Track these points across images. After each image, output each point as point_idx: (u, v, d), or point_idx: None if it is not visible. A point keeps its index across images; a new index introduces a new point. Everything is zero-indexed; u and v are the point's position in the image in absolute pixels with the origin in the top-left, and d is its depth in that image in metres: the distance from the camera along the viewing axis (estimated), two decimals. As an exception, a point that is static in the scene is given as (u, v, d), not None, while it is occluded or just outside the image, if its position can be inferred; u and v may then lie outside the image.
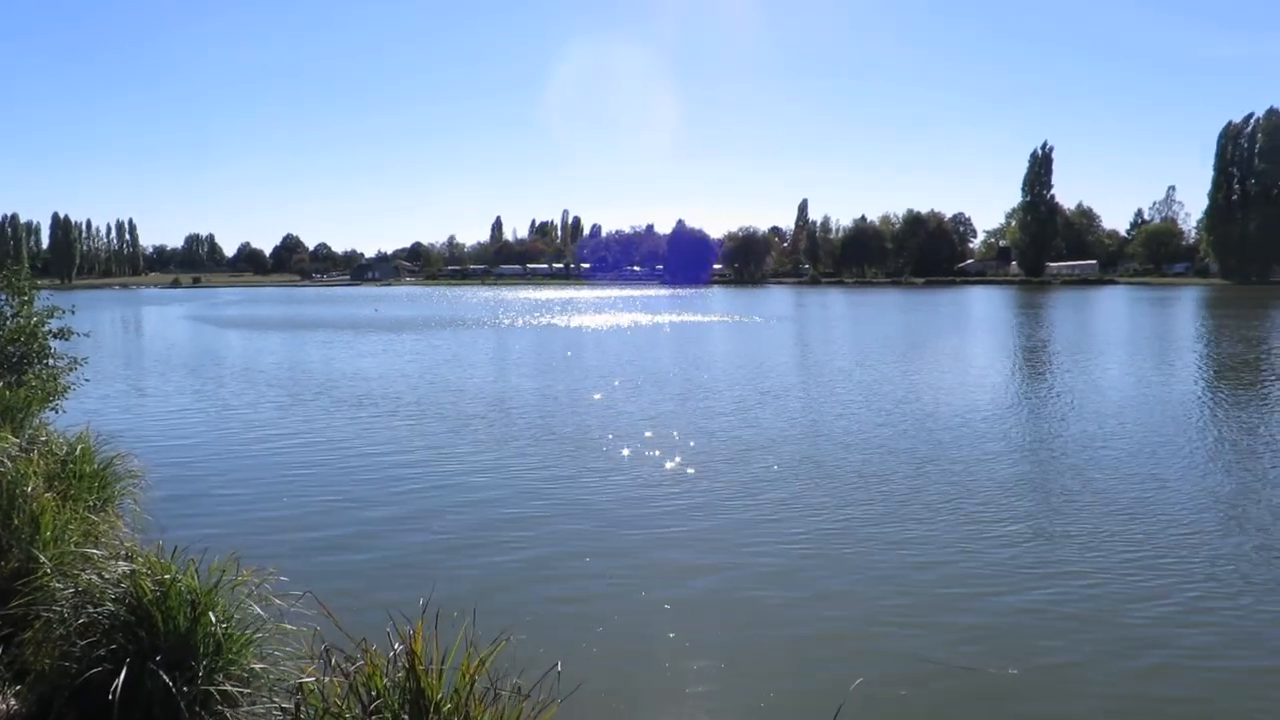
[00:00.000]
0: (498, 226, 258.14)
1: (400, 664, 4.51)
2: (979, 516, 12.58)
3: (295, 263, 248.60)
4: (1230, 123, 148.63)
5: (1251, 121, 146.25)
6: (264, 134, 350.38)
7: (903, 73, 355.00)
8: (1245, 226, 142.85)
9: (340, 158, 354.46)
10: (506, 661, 5.11)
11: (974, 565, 10.63)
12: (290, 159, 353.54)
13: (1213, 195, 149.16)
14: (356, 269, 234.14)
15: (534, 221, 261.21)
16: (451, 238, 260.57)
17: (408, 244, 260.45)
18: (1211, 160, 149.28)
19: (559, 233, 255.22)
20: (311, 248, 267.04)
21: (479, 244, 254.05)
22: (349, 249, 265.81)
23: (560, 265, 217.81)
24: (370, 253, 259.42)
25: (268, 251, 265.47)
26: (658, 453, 16.83)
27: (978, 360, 34.84)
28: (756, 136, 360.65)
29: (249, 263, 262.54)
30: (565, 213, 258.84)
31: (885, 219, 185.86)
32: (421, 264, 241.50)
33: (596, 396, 24.12)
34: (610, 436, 18.32)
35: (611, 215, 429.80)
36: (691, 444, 17.59)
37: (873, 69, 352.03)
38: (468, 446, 17.62)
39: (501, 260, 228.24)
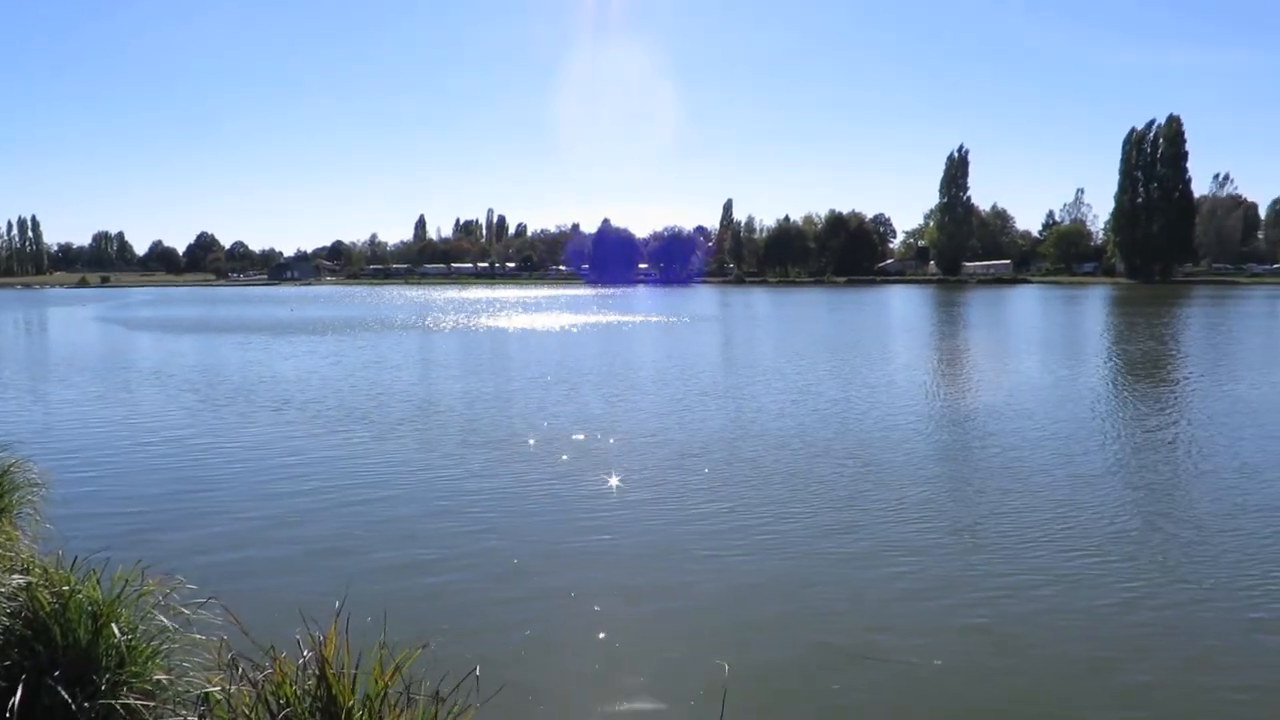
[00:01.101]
0: (421, 225, 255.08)
1: (311, 671, 4.43)
2: (902, 511, 12.80)
3: (210, 262, 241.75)
4: (1134, 129, 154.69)
5: (1154, 128, 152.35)
6: (177, 127, 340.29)
7: (826, 75, 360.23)
8: (1149, 228, 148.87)
9: (257, 153, 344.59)
10: (424, 666, 5.03)
11: (897, 557, 10.81)
12: (204, 153, 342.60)
13: (1118, 198, 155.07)
14: (275, 268, 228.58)
15: (458, 220, 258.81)
16: (374, 236, 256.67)
17: (328, 242, 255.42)
18: (1118, 164, 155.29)
19: (484, 232, 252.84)
20: (227, 246, 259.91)
21: (402, 243, 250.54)
22: (267, 248, 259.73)
23: (485, 264, 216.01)
24: (289, 251, 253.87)
25: (181, 250, 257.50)
26: (583, 453, 16.77)
27: (902, 358, 35.52)
28: (682, 136, 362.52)
29: (161, 262, 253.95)
30: (490, 211, 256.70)
31: (808, 219, 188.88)
32: (343, 263, 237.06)
33: (522, 398, 23.92)
34: (536, 437, 18.20)
35: (537, 214, 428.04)
36: (617, 444, 17.58)
37: (798, 71, 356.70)
38: (389, 449, 17.30)
39: (425, 259, 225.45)
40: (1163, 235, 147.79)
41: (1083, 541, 11.34)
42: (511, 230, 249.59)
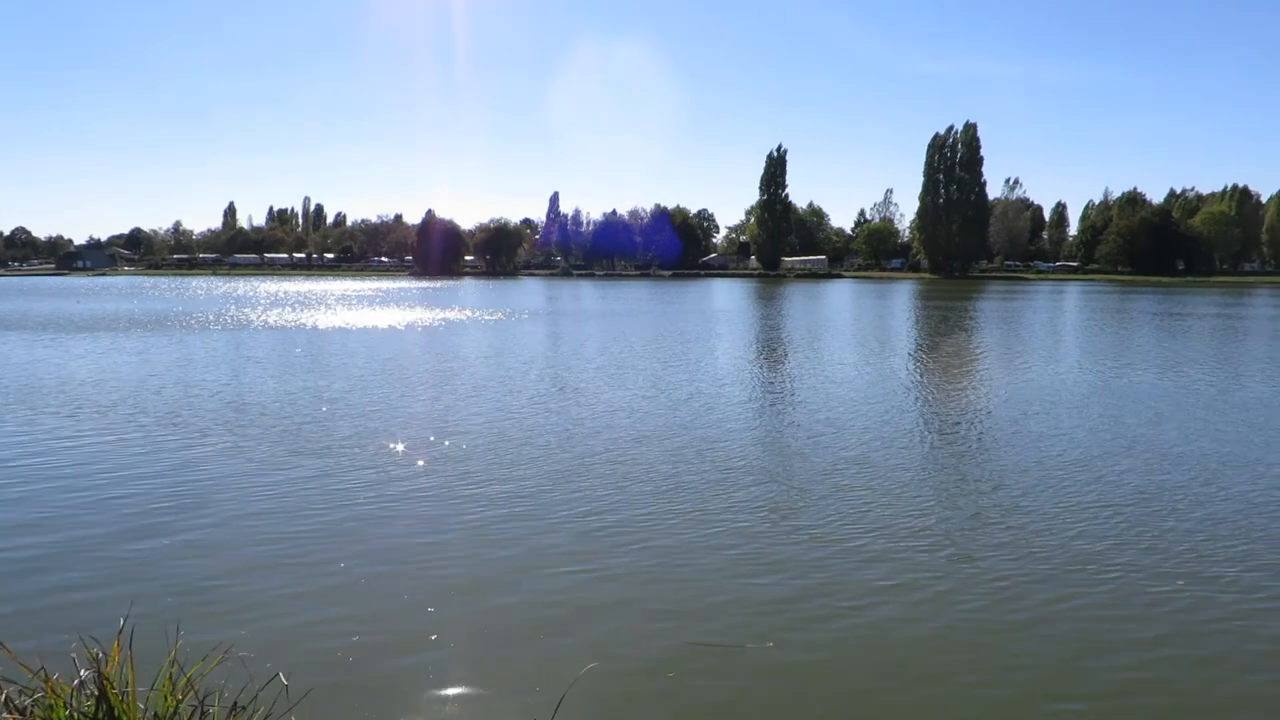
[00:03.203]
0: (231, 213, 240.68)
1: (89, 690, 4.04)
2: (731, 499, 13.06)
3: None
4: (937, 134, 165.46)
5: (953, 133, 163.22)
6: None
7: (653, 73, 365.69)
8: (949, 227, 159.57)
9: (43, 130, 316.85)
10: (224, 675, 4.72)
11: (730, 547, 11.00)
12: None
13: (922, 199, 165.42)
14: (63, 257, 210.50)
15: (271, 208, 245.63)
16: (178, 224, 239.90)
17: (126, 230, 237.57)
18: (922, 167, 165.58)
19: (299, 221, 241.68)
20: (7, 232, 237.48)
21: (210, 231, 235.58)
22: (54, 235, 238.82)
23: (302, 255, 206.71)
24: (81, 239, 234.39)
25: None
26: (409, 453, 16.24)
27: (728, 349, 36.40)
28: (510, 127, 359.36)
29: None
30: (306, 199, 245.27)
31: (634, 214, 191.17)
32: (143, 252, 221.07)
33: (345, 398, 22.91)
34: (359, 438, 17.51)
35: (358, 203, 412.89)
36: (445, 443, 17.15)
37: (623, 67, 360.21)
38: (195, 453, 16.06)
39: (235, 249, 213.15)
40: (962, 234, 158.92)
41: (901, 523, 11.92)
42: (330, 219, 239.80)
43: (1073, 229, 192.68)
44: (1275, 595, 9.39)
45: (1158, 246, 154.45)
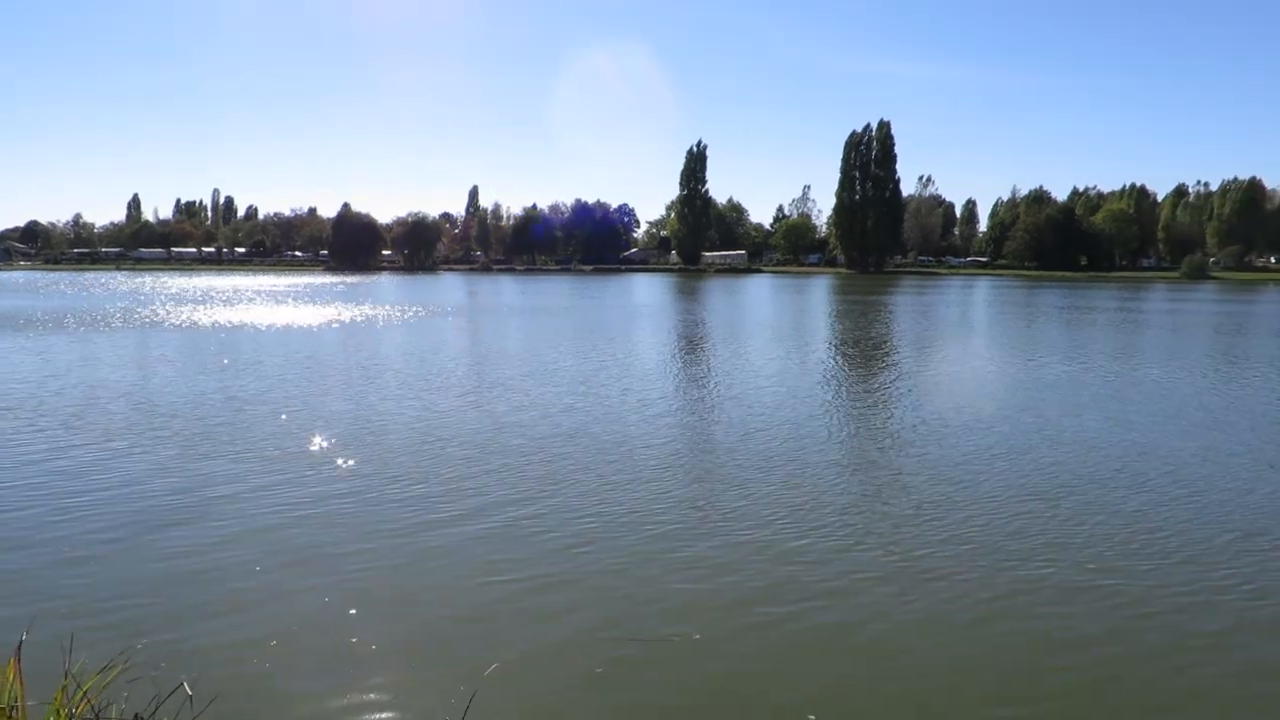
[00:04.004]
0: (135, 205, 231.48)
1: (-25, 711, 3.78)
2: (647, 493, 13.06)
3: None
4: (854, 131, 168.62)
5: (869, 131, 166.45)
6: None
7: (573, 68, 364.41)
8: (865, 223, 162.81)
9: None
10: (126, 688, 4.48)
11: (649, 540, 11.00)
12: None
13: (839, 195, 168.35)
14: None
15: (179, 200, 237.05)
16: (78, 216, 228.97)
17: (21, 222, 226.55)
18: (839, 164, 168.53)
19: (209, 214, 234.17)
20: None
21: (113, 224, 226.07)
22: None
23: (211, 250, 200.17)
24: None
25: None
26: (324, 451, 15.85)
27: (652, 345, 36.42)
28: (428, 120, 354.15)
29: None
30: (216, 192, 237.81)
31: (555, 208, 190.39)
32: (40, 246, 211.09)
33: (259, 398, 22.24)
34: (272, 441, 17.01)
35: (269, 196, 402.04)
36: (362, 441, 16.79)
37: (544, 63, 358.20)
38: (96, 457, 15.39)
39: (141, 243, 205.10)
40: (877, 230, 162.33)
41: (832, 519, 12.04)
42: (241, 213, 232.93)
43: (982, 225, 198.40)
44: (1207, 588, 9.55)
45: (1062, 243, 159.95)
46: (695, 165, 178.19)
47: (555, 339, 37.32)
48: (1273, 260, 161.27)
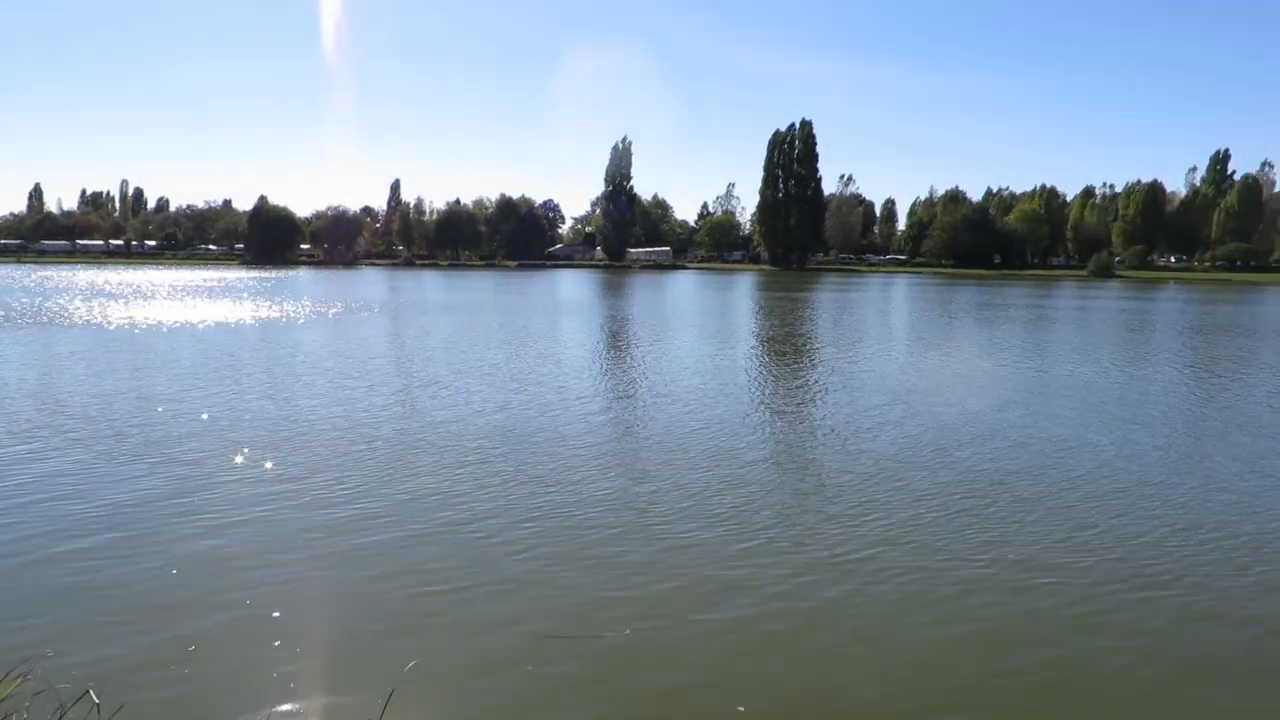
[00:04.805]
0: (38, 195, 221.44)
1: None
2: (577, 490, 13.01)
3: None
4: (777, 130, 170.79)
5: (792, 130, 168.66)
6: None
7: (497, 64, 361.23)
8: (788, 220, 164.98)
9: None
10: (29, 698, 4.28)
11: (577, 535, 10.94)
12: None
13: (762, 192, 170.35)
14: None
15: (84, 191, 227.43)
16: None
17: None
18: (763, 162, 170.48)
19: (116, 205, 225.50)
20: None
21: (12, 215, 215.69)
22: None
23: (120, 242, 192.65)
24: None
25: None
26: (245, 455, 15.38)
27: (580, 343, 36.31)
28: (347, 112, 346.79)
29: None
30: (124, 183, 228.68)
31: (479, 203, 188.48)
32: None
33: (173, 398, 21.51)
34: (189, 442, 16.42)
35: (182, 188, 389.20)
36: (284, 443, 16.34)
37: (467, 57, 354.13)
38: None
39: (43, 235, 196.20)
40: (800, 227, 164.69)
41: (754, 516, 12.13)
42: (151, 204, 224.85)
43: (901, 224, 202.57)
44: (1147, 584, 9.73)
45: (977, 241, 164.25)
46: (621, 161, 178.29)
47: (484, 336, 36.91)
48: (1172, 260, 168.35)
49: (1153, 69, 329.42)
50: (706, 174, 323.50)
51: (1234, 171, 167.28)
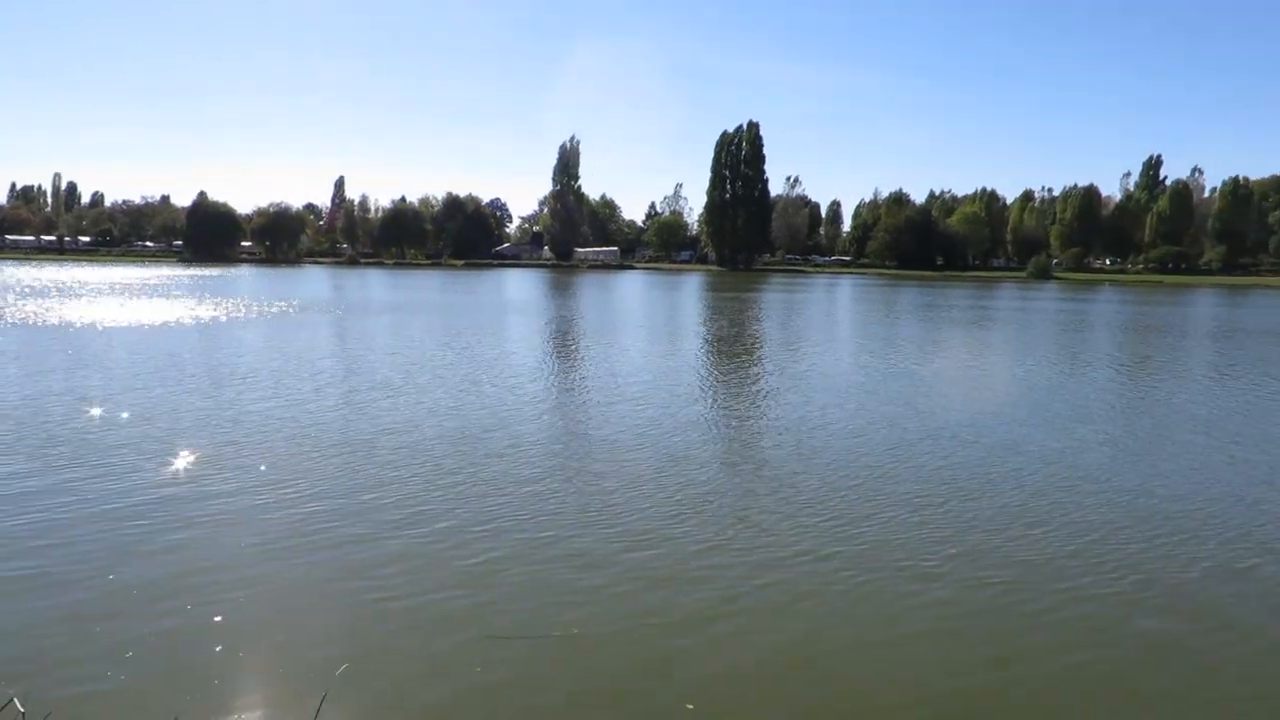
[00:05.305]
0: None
1: None
2: (519, 490, 12.88)
3: None
4: (725, 132, 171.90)
5: (739, 132, 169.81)
6: None
7: (444, 60, 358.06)
8: (735, 221, 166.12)
9: None
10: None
11: (519, 535, 10.81)
12: None
13: (710, 193, 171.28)
14: None
15: (14, 185, 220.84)
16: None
17: None
18: (710, 163, 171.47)
19: (49, 200, 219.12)
20: None
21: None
22: None
23: (52, 238, 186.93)
24: None
25: None
26: (179, 454, 14.89)
27: (530, 344, 36.05)
28: (289, 108, 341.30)
29: None
30: (57, 176, 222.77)
31: (425, 201, 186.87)
32: None
33: (112, 402, 20.83)
34: (127, 445, 15.90)
35: (118, 183, 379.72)
36: (225, 446, 15.93)
37: (415, 54, 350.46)
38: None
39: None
40: (747, 228, 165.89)
41: (715, 520, 12.13)
42: (86, 199, 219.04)
43: (846, 225, 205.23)
44: (1098, 580, 9.90)
45: (920, 243, 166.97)
46: (568, 161, 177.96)
47: (432, 337, 36.48)
48: (1108, 262, 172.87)
49: (1089, 75, 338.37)
50: (654, 174, 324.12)
51: (1166, 177, 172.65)
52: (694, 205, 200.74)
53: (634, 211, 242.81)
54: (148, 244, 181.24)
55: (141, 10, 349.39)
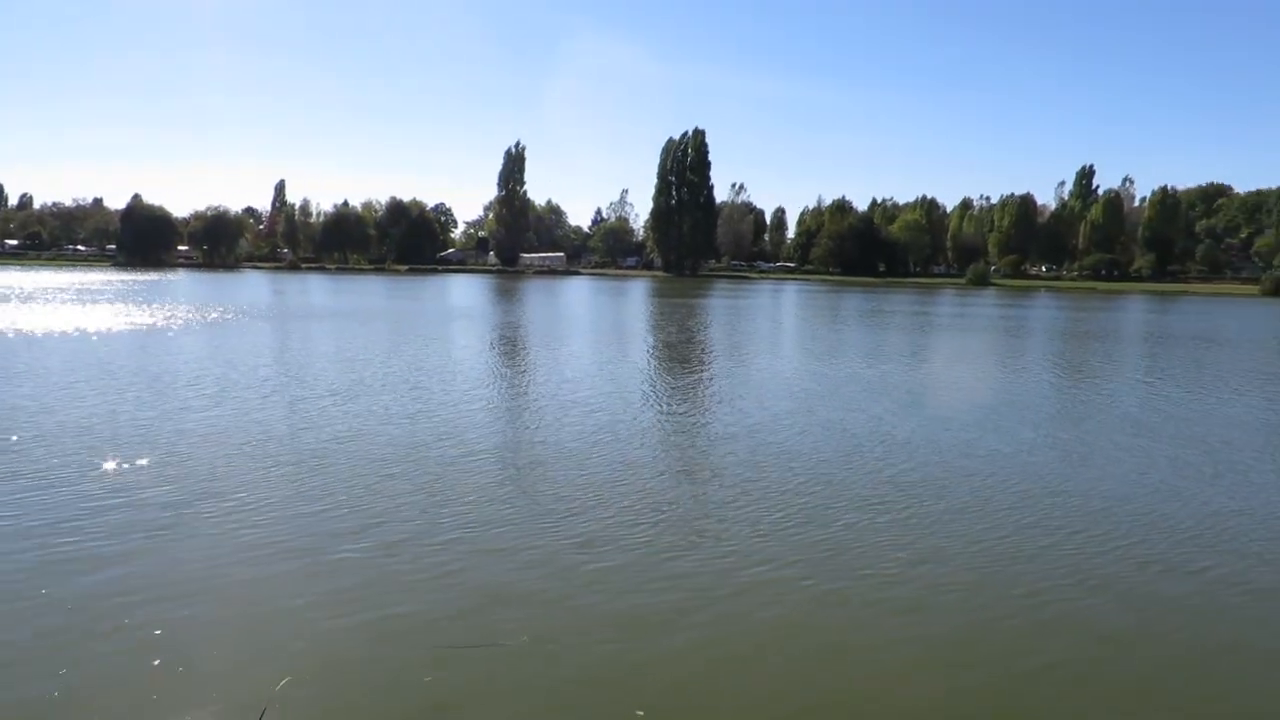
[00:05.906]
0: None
1: None
2: (472, 496, 12.66)
3: None
4: (671, 138, 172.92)
5: (685, 139, 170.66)
6: None
7: (391, 66, 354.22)
8: (681, 227, 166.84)
9: None
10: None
11: (470, 539, 10.60)
12: None
13: (656, 199, 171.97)
14: None
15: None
16: None
17: None
18: (656, 169, 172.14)
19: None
20: None
21: None
22: None
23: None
24: None
25: None
26: (117, 468, 14.33)
27: (476, 351, 35.69)
28: (226, 109, 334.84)
29: None
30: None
31: (368, 205, 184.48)
32: None
33: (41, 415, 20.14)
34: (58, 458, 15.30)
35: (47, 185, 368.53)
36: (173, 455, 15.39)
37: (362, 59, 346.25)
38: None
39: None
40: (692, 234, 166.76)
41: (652, 521, 12.02)
42: (13, 201, 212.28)
43: (790, 232, 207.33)
44: (1058, 586, 9.96)
45: (863, 250, 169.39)
46: (514, 166, 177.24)
47: (378, 344, 35.90)
48: (1044, 269, 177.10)
49: (1026, 86, 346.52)
50: (601, 180, 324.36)
51: (1098, 186, 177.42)
52: (640, 211, 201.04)
53: (580, 217, 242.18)
54: (79, 248, 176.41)
55: (88, 9, 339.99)
